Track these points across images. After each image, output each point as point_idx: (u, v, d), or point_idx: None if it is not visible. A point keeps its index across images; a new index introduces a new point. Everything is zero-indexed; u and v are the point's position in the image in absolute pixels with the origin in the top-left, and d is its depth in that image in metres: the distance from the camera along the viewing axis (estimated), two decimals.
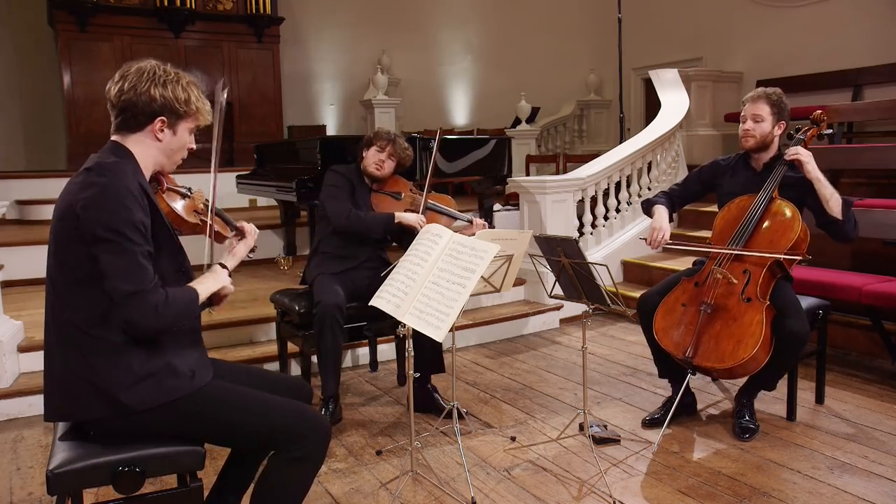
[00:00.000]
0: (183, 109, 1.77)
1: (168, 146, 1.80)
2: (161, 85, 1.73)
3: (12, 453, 2.93)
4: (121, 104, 1.74)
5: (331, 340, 3.00)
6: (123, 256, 1.60)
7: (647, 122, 7.71)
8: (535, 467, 2.69)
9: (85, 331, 1.64)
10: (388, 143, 3.37)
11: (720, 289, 2.82)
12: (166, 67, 1.78)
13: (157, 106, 1.73)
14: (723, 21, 8.39)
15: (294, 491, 1.81)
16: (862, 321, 3.86)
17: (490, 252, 2.31)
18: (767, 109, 2.94)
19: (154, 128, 1.76)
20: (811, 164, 2.80)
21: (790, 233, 2.77)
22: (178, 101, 1.76)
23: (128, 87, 1.72)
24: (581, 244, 2.63)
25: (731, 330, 2.74)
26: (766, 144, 2.96)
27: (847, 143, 5.75)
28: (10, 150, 8.78)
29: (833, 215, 2.78)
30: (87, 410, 1.66)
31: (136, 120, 1.75)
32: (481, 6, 10.91)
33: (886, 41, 6.69)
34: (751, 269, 2.79)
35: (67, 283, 1.65)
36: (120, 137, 1.77)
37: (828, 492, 2.43)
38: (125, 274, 1.60)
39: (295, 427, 1.77)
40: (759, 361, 2.72)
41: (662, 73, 6.91)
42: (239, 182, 5.94)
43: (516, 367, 3.97)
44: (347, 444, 2.93)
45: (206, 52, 9.13)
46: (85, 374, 1.64)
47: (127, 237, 1.60)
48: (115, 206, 1.60)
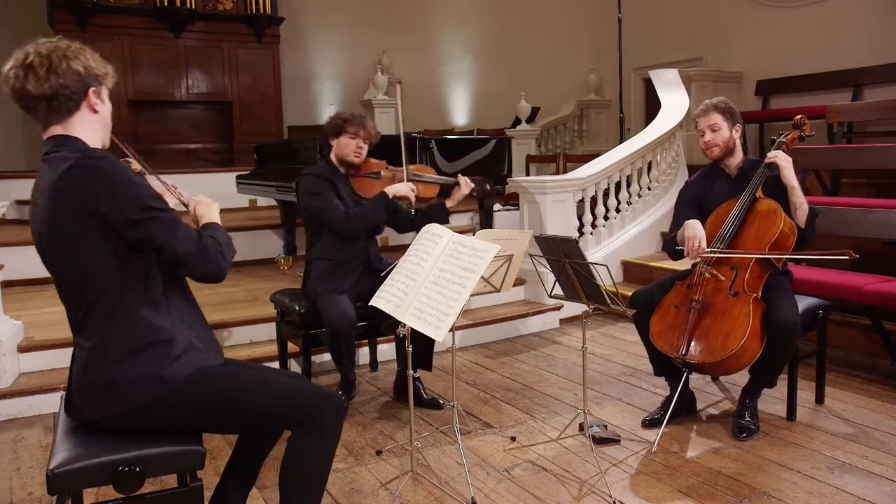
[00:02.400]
0: (101, 72, 1.73)
1: (104, 116, 1.76)
2: (74, 58, 1.67)
3: (12, 453, 2.93)
4: (47, 92, 1.63)
5: (346, 354, 3.08)
6: (171, 225, 1.66)
7: (647, 122, 7.71)
8: (535, 467, 2.69)
9: (132, 310, 1.68)
10: (361, 128, 3.25)
11: (708, 286, 2.88)
12: (59, 44, 1.68)
13: (83, 77, 1.67)
14: (723, 21, 8.39)
15: (322, 463, 1.87)
16: (862, 321, 3.86)
17: (490, 252, 2.31)
18: (720, 117, 3.03)
19: (89, 101, 1.70)
20: (788, 170, 2.87)
21: (773, 227, 2.83)
22: (93, 68, 1.70)
23: (45, 72, 1.63)
24: (581, 244, 2.63)
25: (720, 325, 2.79)
26: (730, 150, 3.06)
27: (847, 143, 5.75)
28: (10, 150, 8.78)
29: (798, 222, 2.87)
30: (135, 396, 1.67)
31: (70, 101, 1.67)
32: (481, 6, 10.90)
33: (886, 41, 6.69)
34: (738, 265, 2.85)
35: (108, 276, 1.66)
36: (59, 128, 1.69)
37: (828, 492, 2.43)
38: (183, 239, 1.68)
39: (311, 402, 1.83)
40: (750, 353, 2.74)
41: (662, 73, 6.91)
42: (239, 182, 5.94)
43: (516, 367, 3.97)
44: (347, 444, 2.93)
45: (206, 52, 9.14)
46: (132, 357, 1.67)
47: (160, 208, 1.66)
48: (131, 188, 1.62)
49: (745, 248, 2.85)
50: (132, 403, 1.67)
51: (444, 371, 3.82)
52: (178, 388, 1.69)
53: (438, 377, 3.73)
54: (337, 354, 3.08)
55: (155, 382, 1.67)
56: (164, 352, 1.69)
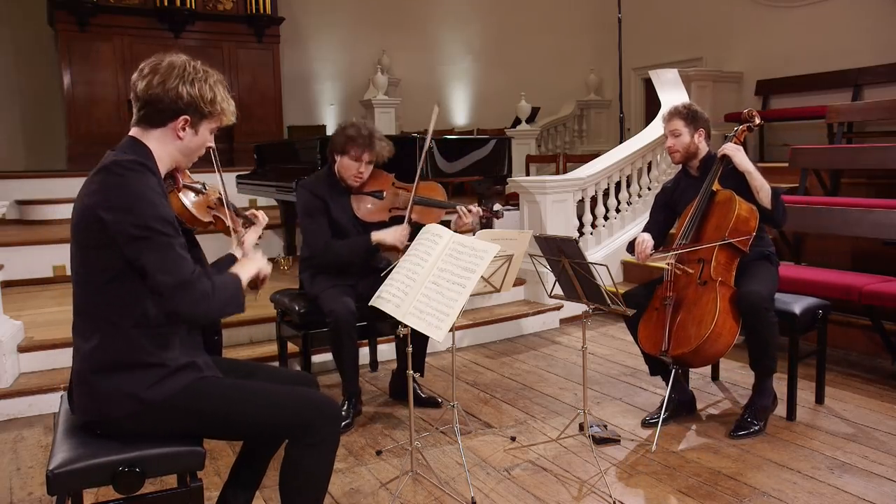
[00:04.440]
0: (208, 109, 1.73)
1: (188, 145, 1.76)
2: (189, 83, 1.69)
3: (12, 453, 2.93)
4: (146, 98, 1.68)
5: (349, 348, 3.02)
6: (161, 251, 1.59)
7: (647, 122, 7.71)
8: (535, 467, 2.69)
9: (121, 327, 1.64)
10: (366, 150, 3.02)
11: (679, 282, 2.98)
12: (196, 65, 1.73)
13: (182, 104, 1.69)
14: (723, 21, 8.39)
15: (318, 475, 1.84)
16: (862, 321, 3.87)
17: (490, 252, 2.32)
18: (681, 123, 3.12)
19: (176, 126, 1.71)
20: (739, 156, 2.97)
21: (730, 213, 2.91)
22: (204, 100, 1.71)
23: (157, 81, 1.67)
24: (581, 244, 2.63)
25: (692, 314, 2.86)
26: (691, 153, 3.15)
27: (847, 143, 5.75)
28: (10, 150, 8.78)
29: (763, 205, 2.93)
30: (112, 408, 1.66)
31: (159, 116, 1.70)
32: (481, 6, 10.90)
33: (886, 41, 6.69)
34: (704, 256, 2.93)
35: (100, 285, 1.64)
36: (139, 132, 1.72)
37: (828, 492, 2.43)
38: (167, 267, 1.59)
39: (303, 414, 1.78)
40: (725, 336, 2.79)
41: (662, 73, 6.91)
42: (239, 182, 5.94)
43: (516, 367, 3.97)
44: (347, 444, 2.93)
45: (206, 52, 9.12)
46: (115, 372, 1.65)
47: (160, 231, 1.59)
48: (140, 204, 1.58)
49: (708, 239, 2.95)
50: (110, 414, 1.67)
51: (444, 371, 3.82)
52: (158, 407, 1.67)
53: (438, 377, 3.73)
54: (338, 351, 3.03)
55: (134, 401, 1.65)
56: (149, 374, 1.66)
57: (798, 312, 2.98)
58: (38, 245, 5.08)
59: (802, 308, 3.01)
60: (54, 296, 4.63)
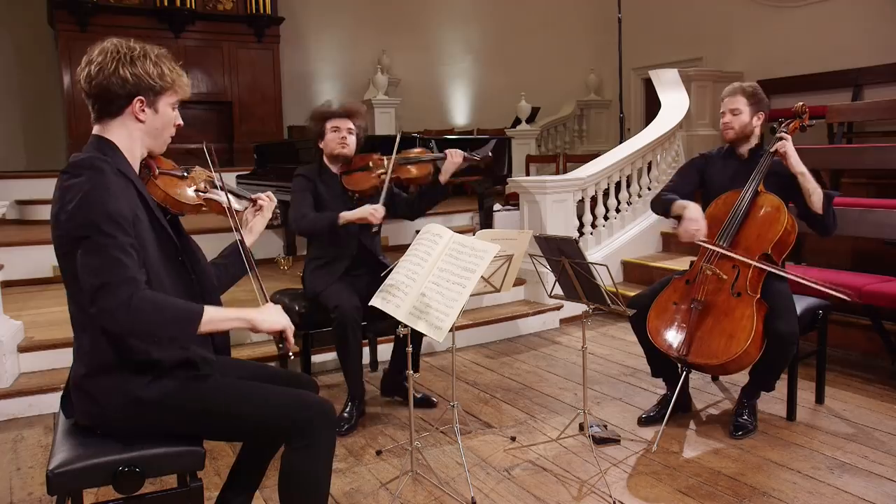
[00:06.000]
0: (159, 84, 1.68)
1: (152, 126, 1.71)
2: (129, 63, 1.63)
3: (12, 453, 2.93)
4: (93, 91, 1.65)
5: (353, 344, 3.02)
6: (96, 252, 1.52)
7: (647, 122, 7.71)
8: (535, 467, 2.69)
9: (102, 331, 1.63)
10: (337, 117, 3.27)
11: (710, 285, 2.84)
12: (129, 43, 1.66)
13: (130, 86, 1.64)
14: (723, 21, 8.39)
15: (315, 478, 1.80)
16: (862, 321, 3.86)
17: (490, 252, 2.31)
18: (744, 101, 3.00)
19: (133, 109, 1.67)
20: (794, 158, 2.84)
21: (777, 225, 2.80)
22: (150, 76, 1.66)
23: (95, 71, 1.63)
24: (581, 244, 2.63)
25: (722, 326, 2.75)
26: (745, 135, 3.03)
27: (847, 143, 5.75)
28: (10, 150, 8.79)
29: (814, 209, 2.82)
30: (109, 408, 1.66)
31: (112, 105, 1.66)
32: (481, 6, 10.90)
33: (886, 41, 6.68)
34: (740, 266, 2.81)
35: (77, 291, 1.62)
36: (100, 128, 1.69)
37: (828, 492, 2.43)
38: (94, 268, 1.51)
39: (298, 416, 1.75)
40: (751, 356, 2.73)
41: (662, 73, 6.91)
42: (239, 182, 5.94)
43: (516, 367, 3.97)
44: (347, 444, 2.93)
45: (207, 52, 9.15)
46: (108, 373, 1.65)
47: (103, 231, 1.52)
48: (88, 203, 1.54)
49: (747, 244, 2.83)
50: (108, 414, 1.66)
51: (444, 371, 3.82)
52: (154, 405, 1.66)
53: (438, 377, 3.73)
54: (342, 347, 3.02)
55: (130, 400, 1.65)
56: (143, 372, 1.66)
57: (798, 313, 2.98)
58: (38, 245, 5.07)
59: (803, 308, 3.00)
60: (54, 296, 4.62)
